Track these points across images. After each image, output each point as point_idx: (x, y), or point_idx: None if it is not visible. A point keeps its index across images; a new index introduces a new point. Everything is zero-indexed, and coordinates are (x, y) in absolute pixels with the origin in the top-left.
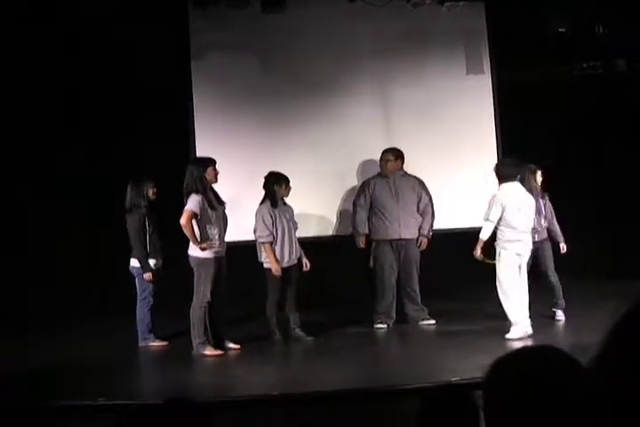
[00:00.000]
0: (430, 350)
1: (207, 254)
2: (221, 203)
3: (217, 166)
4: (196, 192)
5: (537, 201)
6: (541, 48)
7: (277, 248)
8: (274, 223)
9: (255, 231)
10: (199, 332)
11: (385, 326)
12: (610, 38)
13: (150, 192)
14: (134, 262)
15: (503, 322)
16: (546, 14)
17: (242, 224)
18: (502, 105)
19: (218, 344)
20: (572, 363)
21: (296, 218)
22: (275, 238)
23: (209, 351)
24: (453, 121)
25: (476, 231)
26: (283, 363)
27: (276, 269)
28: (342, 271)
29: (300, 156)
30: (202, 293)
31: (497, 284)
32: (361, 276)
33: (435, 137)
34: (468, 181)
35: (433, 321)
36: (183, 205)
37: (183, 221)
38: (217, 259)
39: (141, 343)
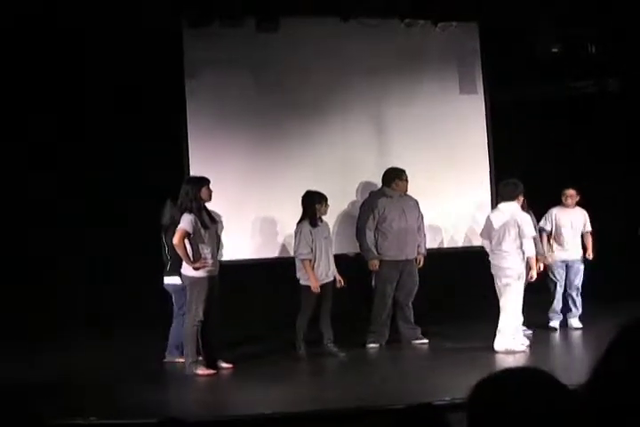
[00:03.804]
0: (422, 370)
1: (200, 273)
2: (214, 222)
3: (211, 185)
4: (190, 211)
5: None
6: (534, 68)
7: (315, 266)
8: (313, 241)
9: (296, 249)
10: (191, 351)
11: (377, 345)
12: (602, 58)
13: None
14: (173, 280)
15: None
16: (538, 34)
17: (235, 243)
18: (495, 124)
19: (210, 364)
20: (555, 385)
21: (291, 238)
22: (314, 256)
23: (201, 371)
24: (447, 140)
25: (468, 250)
26: (275, 383)
27: (314, 286)
28: (337, 290)
29: (294, 173)
30: (194, 312)
31: None
32: (355, 294)
33: (428, 155)
34: (462, 200)
35: (426, 340)
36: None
37: (176, 240)
38: (210, 278)
39: (168, 358)
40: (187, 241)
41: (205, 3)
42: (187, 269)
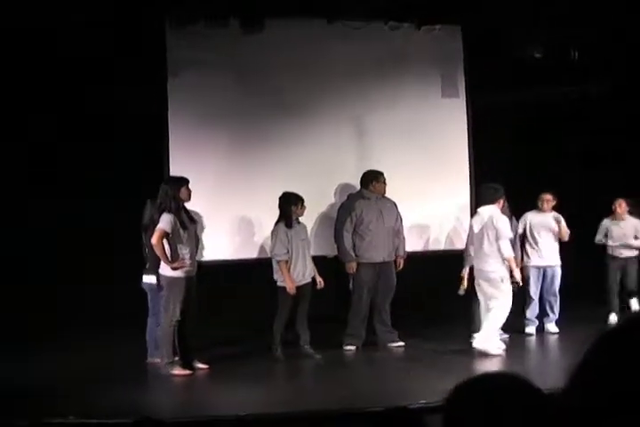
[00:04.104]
0: (399, 373)
1: (178, 274)
2: (193, 222)
3: (191, 186)
4: (169, 211)
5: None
6: (516, 72)
7: (291, 267)
8: (289, 242)
9: (272, 250)
10: (167, 351)
11: (354, 347)
12: (584, 63)
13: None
14: (149, 279)
15: (471, 345)
16: (521, 39)
17: (215, 244)
18: (476, 128)
19: (186, 364)
20: (532, 390)
21: (268, 240)
22: (290, 257)
23: (177, 371)
24: (428, 144)
25: (450, 253)
26: (250, 384)
27: (290, 287)
28: (314, 291)
29: (276, 175)
30: (171, 312)
31: None
32: (332, 296)
33: (409, 159)
34: (443, 203)
35: (402, 343)
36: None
37: (154, 240)
38: (187, 278)
39: (149, 359)
40: (165, 241)
41: (190, 2)
42: (165, 269)
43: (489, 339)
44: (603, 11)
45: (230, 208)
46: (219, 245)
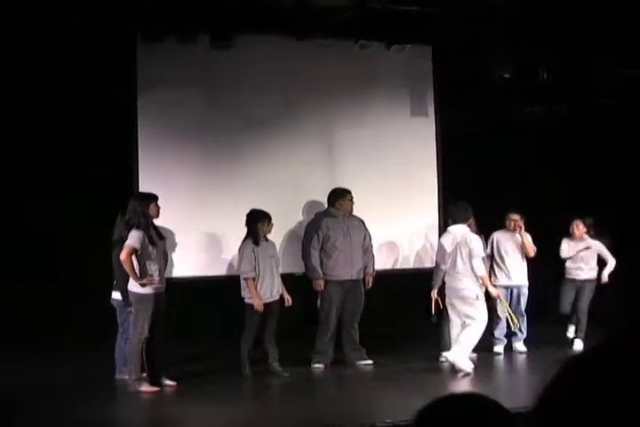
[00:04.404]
0: (366, 391)
1: (146, 290)
2: (162, 238)
3: (160, 202)
4: (137, 228)
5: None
6: (486, 92)
7: (258, 284)
8: (256, 259)
9: (238, 267)
10: (135, 368)
11: (322, 365)
12: (553, 84)
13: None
14: (118, 295)
15: (440, 363)
16: (491, 60)
17: (183, 260)
18: (445, 148)
19: (154, 381)
20: (499, 411)
21: (237, 257)
22: (257, 274)
23: (145, 388)
24: (397, 162)
25: (415, 272)
26: (217, 402)
27: (257, 304)
28: (282, 309)
29: (244, 193)
30: (140, 329)
31: None
32: (301, 314)
33: (378, 178)
34: (412, 221)
35: (370, 361)
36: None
37: (123, 256)
38: (156, 295)
39: (118, 376)
40: (134, 257)
41: (159, 19)
42: (133, 286)
43: (464, 352)
44: (572, 33)
45: (199, 225)
46: (187, 261)
